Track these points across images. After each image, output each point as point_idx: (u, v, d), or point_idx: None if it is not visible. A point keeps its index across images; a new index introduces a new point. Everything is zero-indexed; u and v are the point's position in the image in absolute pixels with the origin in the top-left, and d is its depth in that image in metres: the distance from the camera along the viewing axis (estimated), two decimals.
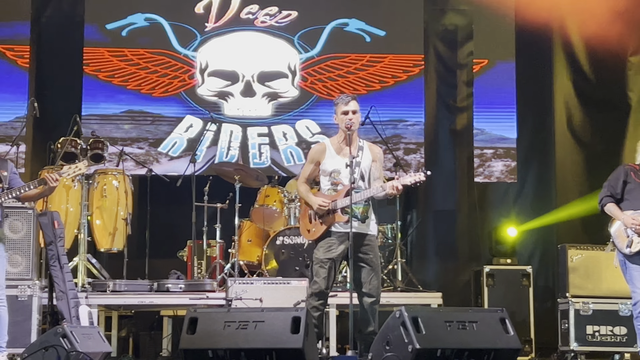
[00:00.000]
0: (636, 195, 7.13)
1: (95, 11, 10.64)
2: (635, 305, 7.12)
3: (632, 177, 7.17)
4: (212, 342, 5.50)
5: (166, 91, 10.69)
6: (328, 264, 6.57)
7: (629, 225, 7.03)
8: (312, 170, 6.81)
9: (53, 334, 6.57)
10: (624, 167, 7.30)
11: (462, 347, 5.56)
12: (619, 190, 7.19)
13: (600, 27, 10.46)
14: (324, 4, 10.97)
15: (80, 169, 6.88)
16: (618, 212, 7.14)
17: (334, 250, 6.57)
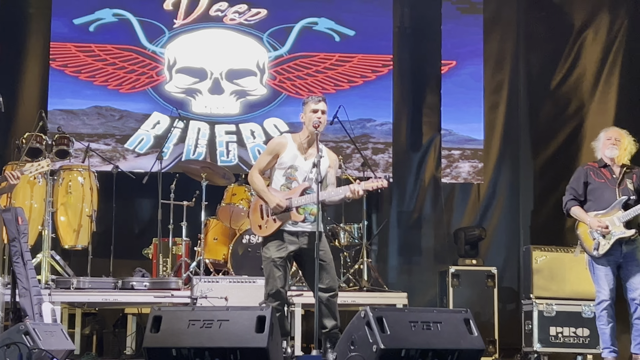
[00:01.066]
0: (599, 195, 7.22)
1: (62, 5, 10.58)
2: (598, 305, 7.21)
3: (592, 177, 7.27)
4: (176, 340, 5.47)
5: (133, 87, 10.64)
6: (281, 263, 6.57)
7: (594, 228, 7.11)
8: (269, 161, 6.72)
9: (15, 331, 6.52)
10: (583, 168, 7.40)
11: (426, 348, 5.58)
12: (581, 192, 7.29)
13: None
14: (294, 3, 10.97)
15: (43, 167, 6.86)
16: (583, 214, 7.22)
17: (285, 249, 6.57)
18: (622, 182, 7.19)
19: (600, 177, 7.26)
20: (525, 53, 10.99)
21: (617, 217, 7.05)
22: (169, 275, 9.16)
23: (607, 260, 7.14)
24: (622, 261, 7.14)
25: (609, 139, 7.26)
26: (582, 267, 8.92)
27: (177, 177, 9.60)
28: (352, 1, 11.02)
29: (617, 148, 7.22)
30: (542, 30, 10.96)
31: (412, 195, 10.87)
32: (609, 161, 7.28)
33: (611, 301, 7.15)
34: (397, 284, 9.82)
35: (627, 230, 7.03)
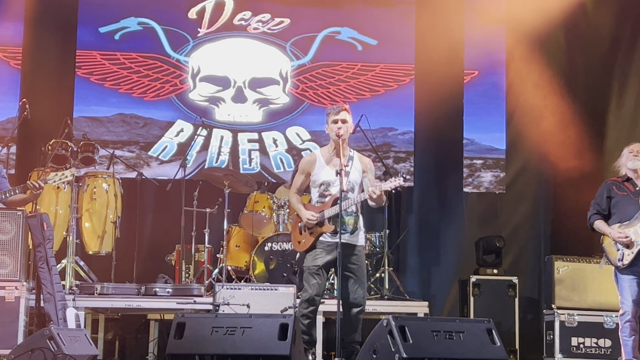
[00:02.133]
0: (621, 208, 7.29)
1: (88, 14, 10.64)
2: (622, 316, 7.24)
3: (615, 192, 7.36)
4: (200, 347, 5.48)
5: (157, 95, 10.68)
6: (317, 271, 6.61)
7: (616, 239, 7.16)
8: (302, 181, 6.85)
9: (40, 336, 6.55)
10: (607, 183, 7.48)
11: (449, 357, 5.57)
12: (605, 206, 7.38)
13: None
14: (317, 12, 10.98)
15: (66, 177, 6.91)
16: (605, 227, 7.29)
17: (322, 258, 6.60)
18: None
19: (623, 190, 7.34)
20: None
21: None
22: (191, 281, 9.15)
23: (632, 270, 7.16)
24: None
25: (632, 151, 7.34)
26: (604, 277, 8.91)
27: (200, 184, 9.62)
28: (374, 11, 11.01)
29: (639, 160, 7.26)
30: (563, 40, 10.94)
31: (433, 204, 10.82)
32: (632, 174, 7.33)
33: (634, 312, 7.15)
34: (418, 293, 9.80)
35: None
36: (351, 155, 6.69)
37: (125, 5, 10.72)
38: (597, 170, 10.49)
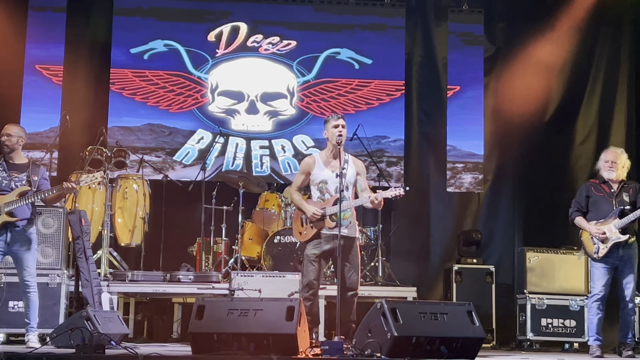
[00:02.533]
0: (598, 207, 7.35)
1: (121, 37, 10.62)
2: (591, 298, 7.32)
3: (593, 192, 7.40)
4: (217, 326, 5.48)
5: (181, 108, 10.66)
6: (315, 259, 6.61)
7: (594, 234, 7.22)
8: (303, 180, 6.85)
9: (78, 317, 6.57)
10: (586, 185, 7.53)
11: (434, 336, 5.55)
12: (584, 204, 7.43)
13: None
14: (319, 35, 10.95)
15: (96, 179, 6.92)
16: (585, 223, 7.34)
17: (320, 247, 6.62)
18: (619, 195, 7.29)
19: (600, 192, 7.38)
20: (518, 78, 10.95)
21: (614, 225, 7.16)
22: (210, 269, 9.16)
23: (605, 261, 7.23)
24: (619, 263, 7.22)
25: (607, 161, 7.36)
26: (570, 266, 8.98)
27: (218, 185, 9.63)
28: (369, 34, 10.98)
29: (614, 170, 7.32)
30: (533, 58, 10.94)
31: (420, 202, 10.80)
32: (606, 179, 7.37)
33: (602, 295, 7.21)
34: (408, 280, 9.74)
35: (622, 235, 7.13)
36: (346, 159, 6.70)
37: (153, 29, 10.69)
38: (562, 172, 10.53)
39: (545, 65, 10.73)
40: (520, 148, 10.75)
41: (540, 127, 10.74)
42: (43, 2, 10.44)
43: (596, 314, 7.22)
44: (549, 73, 10.77)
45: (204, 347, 5.43)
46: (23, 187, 6.77)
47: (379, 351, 5.46)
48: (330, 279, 8.60)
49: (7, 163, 6.86)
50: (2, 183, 6.78)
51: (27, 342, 6.76)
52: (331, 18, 10.97)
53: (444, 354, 5.43)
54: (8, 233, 6.72)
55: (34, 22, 10.36)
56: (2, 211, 6.67)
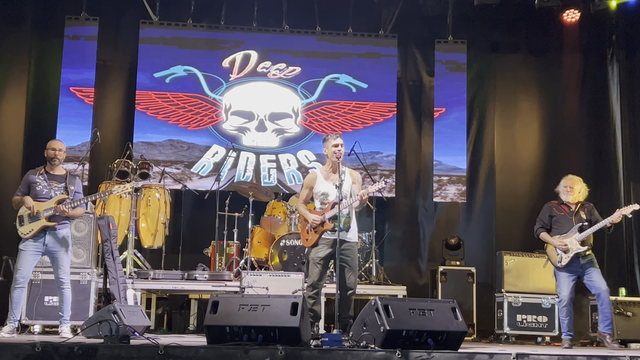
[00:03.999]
0: (560, 225, 7.48)
1: (145, 63, 10.63)
2: (559, 303, 7.43)
3: (555, 212, 7.55)
4: (230, 320, 5.46)
5: (198, 126, 10.67)
6: (319, 261, 6.61)
7: (557, 246, 7.35)
8: (307, 194, 6.88)
9: (106, 311, 6.56)
10: (549, 205, 7.65)
11: (422, 329, 5.53)
12: (547, 222, 7.56)
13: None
14: (321, 62, 10.96)
15: (127, 189, 6.95)
16: (549, 238, 7.48)
17: (323, 251, 6.60)
18: (577, 214, 7.44)
19: (561, 211, 7.53)
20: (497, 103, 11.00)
21: (575, 238, 7.31)
22: (223, 269, 9.15)
23: (568, 270, 7.34)
24: (582, 271, 7.33)
25: (565, 186, 7.55)
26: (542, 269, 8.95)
27: (231, 194, 9.62)
28: (365, 61, 11.00)
29: (570, 194, 7.50)
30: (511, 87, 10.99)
31: (410, 210, 10.81)
32: (565, 201, 7.52)
33: (568, 300, 7.34)
34: (398, 279, 9.73)
35: (582, 247, 7.27)
36: (343, 171, 6.70)
37: (174, 56, 10.71)
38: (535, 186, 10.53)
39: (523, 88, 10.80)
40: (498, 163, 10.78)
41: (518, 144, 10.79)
42: (77, 31, 10.44)
43: (565, 315, 7.35)
44: (529, 98, 10.83)
45: (218, 338, 5.42)
46: (61, 195, 6.80)
47: (373, 343, 5.45)
48: (330, 279, 8.58)
49: (48, 174, 6.89)
50: (42, 191, 6.80)
51: (60, 333, 6.76)
52: (331, 47, 10.99)
53: (431, 346, 5.41)
54: (46, 236, 6.74)
55: (69, 50, 10.38)
56: (42, 216, 6.70)
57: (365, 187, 6.79)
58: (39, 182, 6.81)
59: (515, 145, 10.89)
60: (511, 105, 10.96)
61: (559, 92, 10.86)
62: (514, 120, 10.95)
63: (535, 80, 10.92)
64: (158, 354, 4.88)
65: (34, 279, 7.43)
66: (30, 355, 4.81)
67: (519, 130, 10.94)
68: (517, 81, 10.96)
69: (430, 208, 10.83)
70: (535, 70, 10.95)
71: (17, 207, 6.82)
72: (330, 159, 6.74)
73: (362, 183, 7.08)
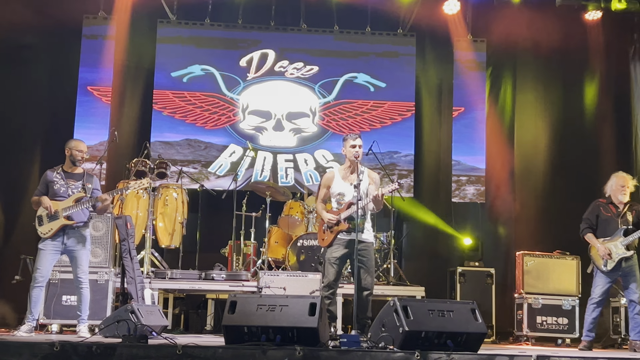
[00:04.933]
0: (606, 226, 7.39)
1: (163, 63, 10.68)
2: (590, 299, 7.39)
3: (602, 212, 7.44)
4: (248, 320, 5.45)
5: (215, 125, 10.71)
6: (335, 262, 6.60)
7: (602, 254, 7.26)
8: (324, 193, 6.86)
9: (124, 310, 6.58)
10: (596, 204, 7.53)
11: (441, 331, 5.50)
12: (594, 222, 7.46)
13: None
14: (339, 61, 10.97)
15: (143, 184, 6.97)
16: (595, 240, 7.39)
17: (339, 251, 6.59)
18: (624, 216, 7.34)
19: (608, 212, 7.43)
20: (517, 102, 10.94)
21: (620, 242, 7.23)
22: (240, 269, 9.16)
23: (609, 275, 7.30)
24: (621, 274, 7.29)
25: (622, 186, 7.40)
26: (563, 269, 8.94)
27: (248, 194, 9.64)
28: (383, 60, 10.99)
29: (627, 195, 7.39)
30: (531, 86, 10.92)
31: (429, 210, 10.77)
32: (617, 201, 7.40)
33: (599, 300, 7.30)
34: (416, 280, 9.70)
35: (627, 251, 7.21)
36: (362, 171, 6.68)
37: (192, 56, 10.75)
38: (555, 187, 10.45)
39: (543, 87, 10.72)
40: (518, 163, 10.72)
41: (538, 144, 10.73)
42: (94, 31, 10.51)
43: (591, 314, 7.29)
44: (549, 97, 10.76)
45: (236, 338, 5.42)
46: (79, 193, 6.83)
47: (392, 344, 5.43)
48: (347, 279, 8.57)
49: (65, 172, 6.91)
50: (60, 190, 6.83)
51: (78, 332, 6.79)
52: (349, 46, 10.99)
53: (450, 348, 5.38)
54: (65, 235, 6.77)
55: (87, 49, 10.44)
56: (60, 215, 6.73)
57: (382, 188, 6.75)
58: (56, 181, 6.84)
59: (536, 145, 10.81)
60: (531, 104, 10.88)
61: (580, 92, 10.77)
62: (534, 119, 10.87)
63: (556, 80, 10.84)
64: (176, 354, 4.90)
65: (52, 278, 7.46)
66: (49, 355, 4.84)
67: (539, 130, 10.85)
68: (537, 80, 10.88)
69: (449, 208, 10.78)
70: (556, 70, 10.87)
71: (36, 207, 6.86)
72: (348, 159, 6.73)
73: (379, 184, 7.05)
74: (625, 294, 7.35)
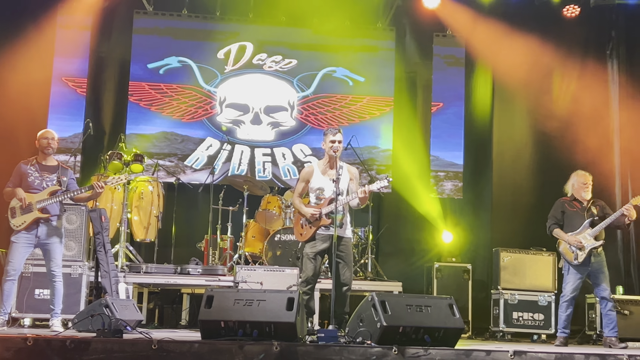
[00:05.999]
0: (572, 221, 7.50)
1: (139, 54, 10.60)
2: (562, 297, 7.45)
3: (567, 208, 7.57)
4: (224, 315, 5.44)
5: (192, 118, 10.64)
6: (313, 257, 6.58)
7: (572, 243, 7.36)
8: (303, 187, 6.82)
9: (98, 305, 6.55)
10: (560, 201, 7.66)
11: (419, 326, 5.53)
12: (560, 218, 7.58)
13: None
14: (318, 55, 10.95)
15: (121, 180, 6.93)
16: (563, 234, 7.50)
17: (318, 246, 6.58)
18: (589, 210, 7.47)
19: (573, 207, 7.56)
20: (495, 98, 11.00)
21: (587, 234, 7.35)
22: (217, 264, 9.12)
23: (580, 269, 7.37)
24: (591, 270, 7.37)
25: (584, 183, 7.54)
26: (539, 265, 9.01)
27: (225, 188, 9.61)
28: (362, 55, 10.99)
29: (589, 192, 7.54)
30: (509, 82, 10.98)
31: (406, 206, 10.79)
32: (580, 197, 7.53)
33: (572, 296, 7.37)
34: (393, 275, 9.74)
35: (596, 241, 7.32)
36: (341, 166, 6.66)
37: (168, 47, 10.67)
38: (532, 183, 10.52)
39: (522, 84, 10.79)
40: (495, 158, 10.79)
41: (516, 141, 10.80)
42: (70, 21, 10.39)
43: (565, 310, 7.37)
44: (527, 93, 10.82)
45: (213, 333, 5.41)
46: (53, 186, 6.78)
47: (370, 339, 5.44)
48: (325, 274, 8.57)
49: (39, 165, 6.85)
50: (34, 182, 6.77)
51: (51, 327, 6.73)
52: (328, 40, 10.96)
53: (428, 343, 5.41)
54: (39, 228, 6.70)
55: (62, 39, 10.32)
56: (35, 208, 6.66)
57: (362, 183, 6.74)
58: (30, 173, 6.78)
59: (513, 141, 10.88)
60: (509, 100, 10.93)
61: (558, 88, 10.84)
62: (511, 115, 10.94)
63: (534, 76, 10.90)
64: (152, 349, 4.87)
65: (25, 272, 7.39)
66: (22, 349, 4.79)
67: (516, 126, 10.92)
68: (515, 76, 10.92)
69: (427, 204, 10.80)
70: (534, 65, 10.93)
71: (9, 199, 6.77)
72: (327, 154, 6.71)
73: (359, 179, 7.03)
74: (596, 292, 7.43)
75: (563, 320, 7.34)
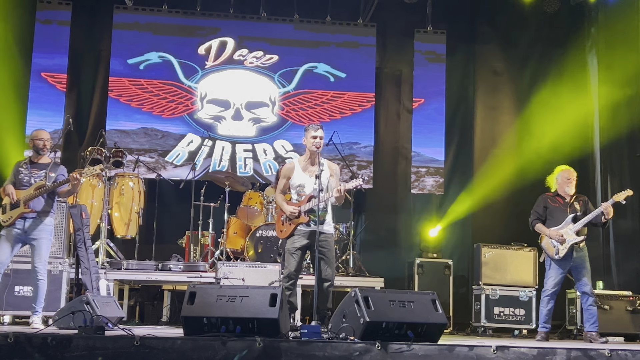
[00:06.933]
0: (555, 216, 7.49)
1: (119, 49, 10.52)
2: (544, 292, 7.44)
3: (549, 203, 7.56)
4: (207, 311, 5.41)
5: (173, 113, 10.59)
6: (295, 252, 6.57)
7: (554, 237, 7.36)
8: (284, 184, 6.80)
9: (79, 301, 6.49)
10: (543, 196, 7.65)
11: (402, 321, 5.53)
12: (542, 213, 7.56)
13: None
14: (299, 51, 10.93)
15: (96, 170, 6.93)
16: (545, 229, 7.48)
17: (299, 242, 6.57)
18: (572, 206, 7.46)
19: (555, 203, 7.54)
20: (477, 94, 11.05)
21: (570, 229, 7.34)
22: (198, 260, 9.10)
23: (561, 264, 7.35)
24: (573, 264, 7.36)
25: (568, 179, 7.52)
26: (520, 261, 9.08)
27: (206, 184, 9.57)
28: (344, 50, 10.99)
29: (573, 187, 7.52)
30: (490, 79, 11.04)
31: (387, 202, 10.83)
32: (563, 193, 7.52)
33: (553, 291, 7.37)
34: (375, 271, 9.75)
35: (578, 237, 7.31)
36: (322, 162, 6.65)
37: (149, 42, 10.61)
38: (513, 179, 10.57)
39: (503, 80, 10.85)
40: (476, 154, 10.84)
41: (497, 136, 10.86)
42: (49, 15, 10.31)
43: (546, 305, 7.36)
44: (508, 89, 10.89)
45: (195, 329, 5.38)
46: (40, 182, 6.87)
47: (353, 334, 5.45)
48: (307, 270, 8.57)
49: (32, 162, 6.99)
50: (23, 179, 6.91)
51: (32, 324, 6.69)
52: (309, 35, 10.95)
53: (411, 338, 5.42)
54: (25, 222, 6.78)
55: (41, 34, 10.24)
56: (21, 203, 6.78)
57: (343, 179, 6.74)
58: (21, 171, 6.94)
59: (494, 137, 10.95)
60: (490, 96, 11.02)
61: (538, 84, 10.91)
62: (493, 111, 11.01)
63: (515, 72, 10.99)
64: (134, 345, 4.83)
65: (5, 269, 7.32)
66: (2, 346, 4.74)
67: (498, 122, 11.00)
68: (496, 72, 11.02)
69: (408, 200, 10.85)
70: (515, 61, 11.02)
71: (4, 196, 6.93)
72: (308, 150, 6.69)
73: (340, 175, 7.04)
74: (577, 287, 7.44)
75: (544, 315, 7.34)
